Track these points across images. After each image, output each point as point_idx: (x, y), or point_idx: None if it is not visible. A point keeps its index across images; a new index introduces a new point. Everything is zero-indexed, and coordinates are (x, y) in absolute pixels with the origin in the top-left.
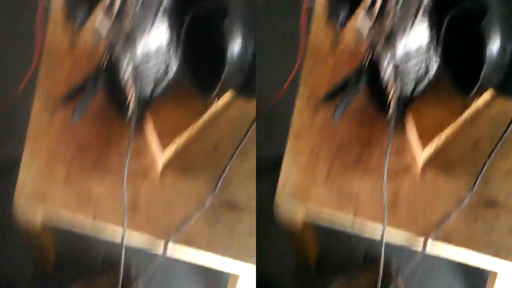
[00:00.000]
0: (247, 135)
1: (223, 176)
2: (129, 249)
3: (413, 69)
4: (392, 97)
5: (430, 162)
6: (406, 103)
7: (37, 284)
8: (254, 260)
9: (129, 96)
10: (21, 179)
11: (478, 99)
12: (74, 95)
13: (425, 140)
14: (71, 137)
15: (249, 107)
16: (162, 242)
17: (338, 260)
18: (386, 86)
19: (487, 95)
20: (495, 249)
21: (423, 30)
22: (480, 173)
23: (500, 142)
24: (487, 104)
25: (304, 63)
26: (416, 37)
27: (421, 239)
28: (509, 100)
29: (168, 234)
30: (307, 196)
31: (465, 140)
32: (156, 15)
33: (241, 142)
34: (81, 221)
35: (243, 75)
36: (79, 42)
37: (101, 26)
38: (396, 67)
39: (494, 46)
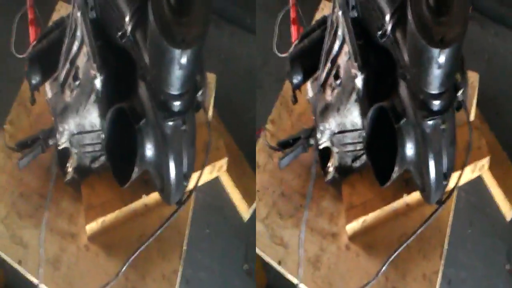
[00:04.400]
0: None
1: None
2: None
3: (350, 143)
4: (332, 163)
5: (357, 236)
6: (344, 173)
7: None
8: None
9: (70, 162)
10: None
11: (409, 194)
12: (25, 145)
13: (352, 213)
14: (17, 183)
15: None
16: None
17: None
18: (329, 152)
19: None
20: None
21: (355, 112)
22: (387, 261)
23: (414, 237)
24: (420, 204)
25: (274, 109)
26: (350, 116)
27: None
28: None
29: None
30: None
31: (393, 229)
32: (87, 100)
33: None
34: (9, 261)
35: (160, 180)
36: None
37: (48, 92)
38: (332, 135)
39: (407, 148)
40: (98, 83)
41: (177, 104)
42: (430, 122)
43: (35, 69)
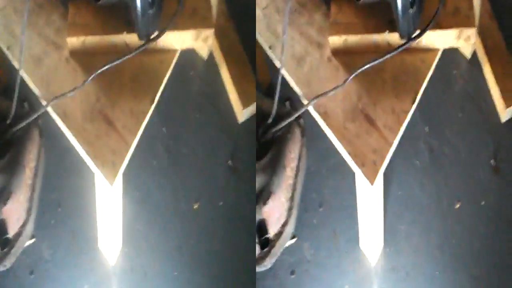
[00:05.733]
0: None
1: None
2: None
3: None
4: None
5: (339, 54)
6: None
7: None
8: None
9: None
10: None
11: (391, 32)
12: None
13: (335, 28)
14: None
15: None
16: None
17: None
18: None
19: None
20: None
21: None
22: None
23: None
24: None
25: None
26: None
27: None
28: None
29: None
30: None
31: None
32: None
33: None
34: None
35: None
36: None
37: None
38: None
39: None
40: None
41: None
42: None
43: None
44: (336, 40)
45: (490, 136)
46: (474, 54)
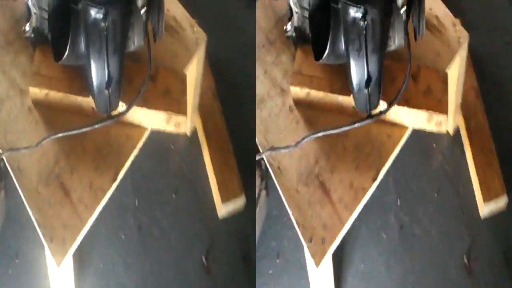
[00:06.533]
0: None
1: None
2: None
3: (307, 9)
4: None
5: (302, 107)
6: (302, 39)
7: None
8: None
9: (30, 21)
10: None
11: None
12: None
13: (297, 79)
14: None
15: None
16: None
17: None
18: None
19: None
20: None
21: None
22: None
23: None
24: None
25: None
26: None
27: None
28: None
29: None
30: None
31: (335, 123)
32: None
33: None
34: None
35: None
36: None
37: None
38: None
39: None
40: None
41: None
42: (351, 11)
43: None
44: (298, 91)
45: (465, 229)
46: (458, 130)
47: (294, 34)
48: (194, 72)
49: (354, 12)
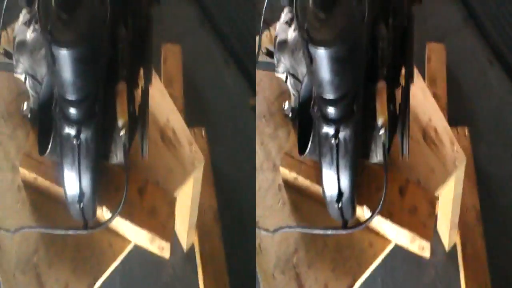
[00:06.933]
0: None
1: None
2: None
3: None
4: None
5: (290, 190)
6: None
7: None
8: None
9: (27, 101)
10: None
11: None
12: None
13: (287, 161)
14: None
15: None
16: None
17: None
18: None
19: None
20: None
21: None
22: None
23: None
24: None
25: None
26: (301, 66)
27: None
28: None
29: None
30: None
31: (319, 217)
32: (40, 50)
33: None
34: None
35: None
36: None
37: (21, 17)
38: (288, 73)
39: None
40: None
41: (71, 111)
42: (323, 130)
43: None
44: (287, 174)
45: None
46: (454, 247)
47: (290, 115)
48: (190, 192)
49: (327, 128)
